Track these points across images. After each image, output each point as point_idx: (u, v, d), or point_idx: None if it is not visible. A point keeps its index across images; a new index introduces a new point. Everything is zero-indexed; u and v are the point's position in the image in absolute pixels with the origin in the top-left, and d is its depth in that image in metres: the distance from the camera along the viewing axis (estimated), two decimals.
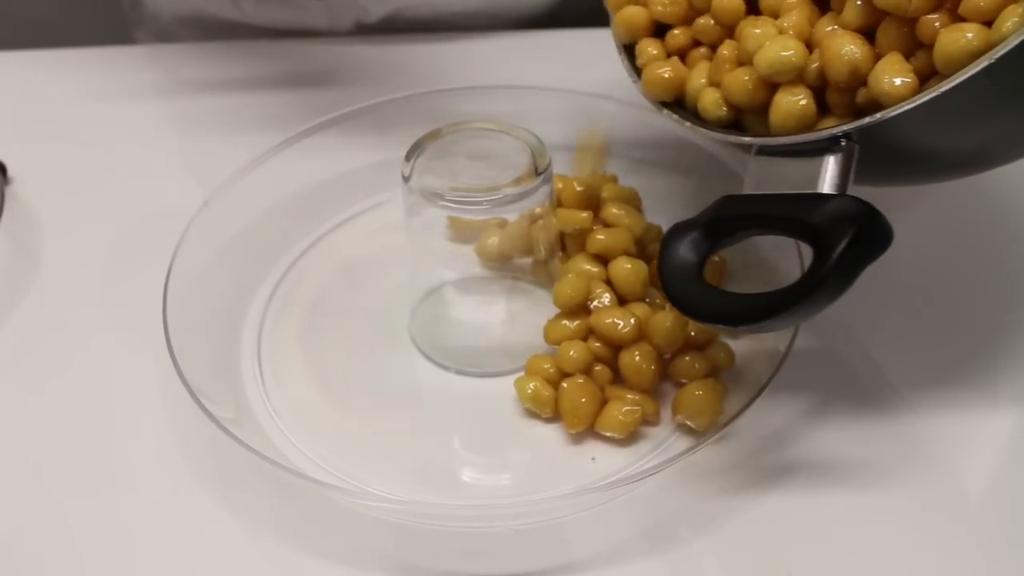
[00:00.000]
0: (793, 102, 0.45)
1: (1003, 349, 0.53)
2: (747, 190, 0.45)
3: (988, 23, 0.40)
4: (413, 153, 0.52)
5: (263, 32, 0.78)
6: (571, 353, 0.50)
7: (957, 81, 0.40)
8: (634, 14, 0.51)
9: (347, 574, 0.46)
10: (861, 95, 0.44)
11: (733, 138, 0.47)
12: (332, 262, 0.60)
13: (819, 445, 0.49)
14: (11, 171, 0.65)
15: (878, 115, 0.42)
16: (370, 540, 0.47)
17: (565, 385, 0.50)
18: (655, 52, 0.51)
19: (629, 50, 0.52)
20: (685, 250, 0.45)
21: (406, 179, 0.51)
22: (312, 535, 0.47)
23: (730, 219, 0.45)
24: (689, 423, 0.49)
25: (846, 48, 0.43)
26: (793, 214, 0.43)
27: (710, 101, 0.47)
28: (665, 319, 0.50)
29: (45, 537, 0.48)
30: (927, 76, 0.42)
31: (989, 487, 0.48)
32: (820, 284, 0.40)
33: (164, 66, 0.75)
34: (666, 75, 0.49)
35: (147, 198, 0.64)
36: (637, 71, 0.51)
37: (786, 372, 0.48)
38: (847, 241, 0.40)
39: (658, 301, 0.53)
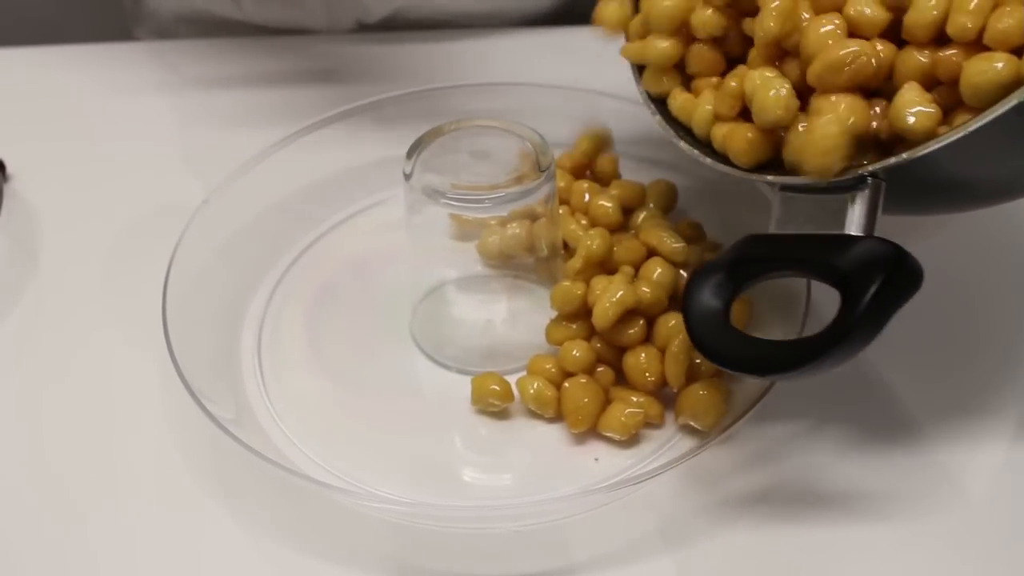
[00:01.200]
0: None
1: (1014, 373, 0.53)
2: (773, 228, 0.44)
3: (1016, 51, 0.39)
4: (414, 151, 0.52)
5: (263, 31, 0.78)
6: (574, 353, 0.50)
7: (986, 120, 0.38)
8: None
9: (347, 574, 0.46)
10: (883, 128, 0.42)
11: (755, 176, 0.45)
12: (333, 261, 0.60)
13: (821, 452, 0.49)
14: (10, 168, 0.65)
15: (904, 155, 0.40)
16: (371, 540, 0.47)
17: (568, 385, 0.49)
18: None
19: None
20: (709, 295, 0.44)
21: (407, 177, 0.51)
22: (312, 535, 0.47)
23: (754, 260, 0.45)
24: (693, 423, 0.49)
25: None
26: (819, 256, 0.42)
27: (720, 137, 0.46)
28: (669, 319, 0.50)
29: (44, 535, 0.47)
30: (950, 108, 0.41)
31: (994, 511, 0.47)
32: (849, 332, 0.39)
33: (164, 63, 0.75)
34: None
35: (147, 195, 0.64)
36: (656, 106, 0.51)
37: (784, 389, 0.47)
38: (876, 287, 0.39)
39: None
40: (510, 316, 0.55)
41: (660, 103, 0.51)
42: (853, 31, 0.43)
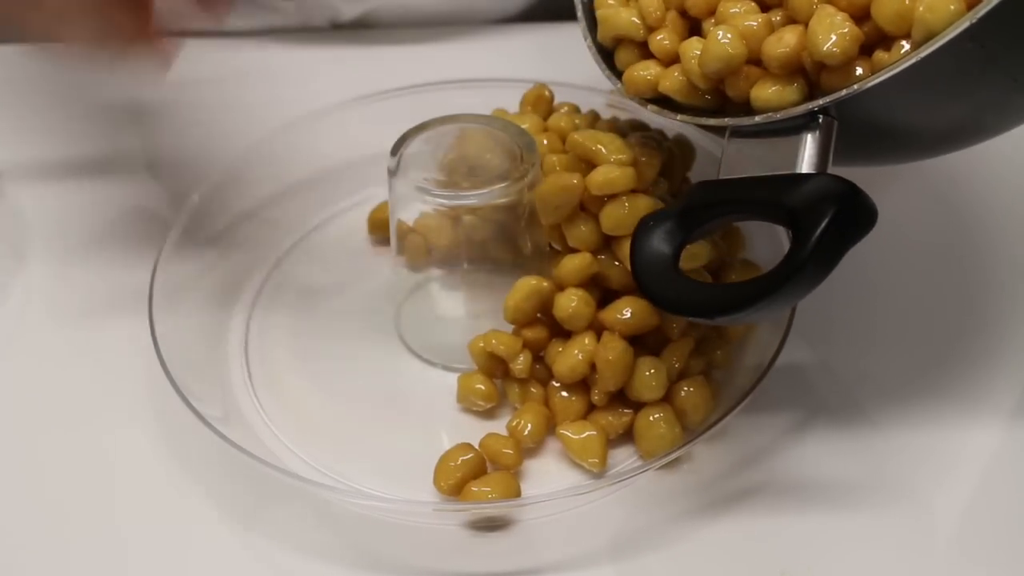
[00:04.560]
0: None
1: (982, 364, 0.53)
2: (723, 175, 0.44)
3: None
4: (399, 147, 0.52)
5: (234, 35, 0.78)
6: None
7: (937, 45, 0.37)
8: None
9: (333, 571, 0.46)
10: (808, 64, 0.41)
11: (704, 120, 0.45)
12: (319, 259, 0.60)
13: (803, 459, 0.49)
14: None
15: (855, 86, 0.40)
16: (355, 537, 0.47)
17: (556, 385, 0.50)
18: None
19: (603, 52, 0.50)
20: (658, 242, 0.43)
21: (392, 173, 0.51)
22: (301, 533, 0.47)
23: (704, 206, 0.44)
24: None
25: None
26: (769, 197, 0.41)
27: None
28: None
29: (28, 533, 0.47)
30: (874, 43, 0.41)
31: (964, 508, 0.48)
32: (799, 270, 0.38)
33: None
34: (648, 76, 0.47)
35: (133, 193, 0.64)
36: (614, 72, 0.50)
37: (772, 386, 0.47)
38: (826, 222, 0.38)
39: None
40: (495, 313, 0.55)
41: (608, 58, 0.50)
42: None
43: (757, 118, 0.43)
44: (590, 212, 0.49)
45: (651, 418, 0.48)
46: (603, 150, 0.49)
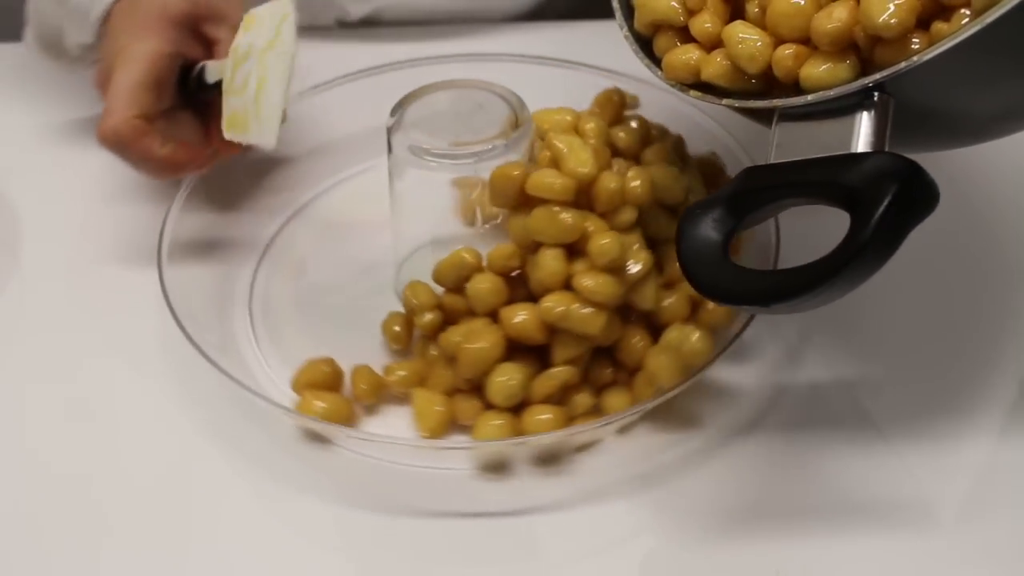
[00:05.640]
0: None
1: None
2: (773, 161, 0.42)
3: None
4: (397, 111, 0.53)
5: None
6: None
7: (1001, 12, 0.36)
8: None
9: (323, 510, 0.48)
10: (861, 40, 0.40)
11: (750, 103, 0.43)
12: (323, 223, 0.61)
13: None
14: None
15: (914, 59, 0.38)
16: (349, 477, 0.49)
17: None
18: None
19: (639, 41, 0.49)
20: (707, 229, 0.41)
21: (390, 133, 0.53)
22: (308, 478, 0.49)
23: (755, 191, 0.41)
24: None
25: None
26: (825, 177, 0.39)
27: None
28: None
29: (35, 470, 0.49)
30: (930, 15, 0.40)
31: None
32: (860, 252, 0.36)
33: None
34: (690, 61, 0.45)
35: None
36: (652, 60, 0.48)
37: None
38: (888, 201, 0.36)
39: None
40: None
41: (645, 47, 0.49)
42: None
43: (809, 97, 0.41)
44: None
45: (491, 423, 0.48)
46: (566, 155, 0.49)
